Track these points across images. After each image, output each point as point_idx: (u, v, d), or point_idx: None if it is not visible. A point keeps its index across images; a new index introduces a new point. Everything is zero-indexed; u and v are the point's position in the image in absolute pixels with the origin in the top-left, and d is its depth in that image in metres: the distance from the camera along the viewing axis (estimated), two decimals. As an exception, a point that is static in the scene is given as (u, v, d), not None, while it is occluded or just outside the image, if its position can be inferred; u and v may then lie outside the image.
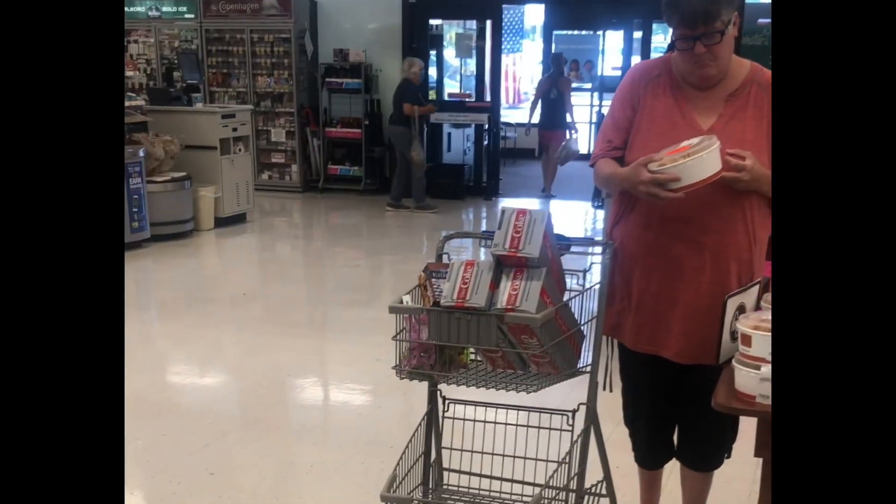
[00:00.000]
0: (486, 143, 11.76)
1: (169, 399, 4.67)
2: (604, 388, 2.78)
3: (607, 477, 2.89)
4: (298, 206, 11.07)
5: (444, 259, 2.78)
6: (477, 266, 2.46)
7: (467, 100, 11.82)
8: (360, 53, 11.25)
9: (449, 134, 11.85)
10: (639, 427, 3.00)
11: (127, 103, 8.63)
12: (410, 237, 9.34)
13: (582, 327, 2.68)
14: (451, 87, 12.29)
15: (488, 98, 11.72)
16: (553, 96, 11.28)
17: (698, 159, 2.44)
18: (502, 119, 12.60)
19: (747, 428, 2.34)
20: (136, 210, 8.00)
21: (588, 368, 2.69)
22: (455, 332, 2.46)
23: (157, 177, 8.42)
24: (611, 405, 3.03)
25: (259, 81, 11.57)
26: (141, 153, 8.07)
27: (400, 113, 10.27)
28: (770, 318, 2.18)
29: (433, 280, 2.53)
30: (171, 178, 8.52)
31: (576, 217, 10.33)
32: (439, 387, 2.86)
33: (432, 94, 11.80)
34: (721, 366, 2.38)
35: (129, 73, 8.77)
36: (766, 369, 2.09)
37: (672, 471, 3.16)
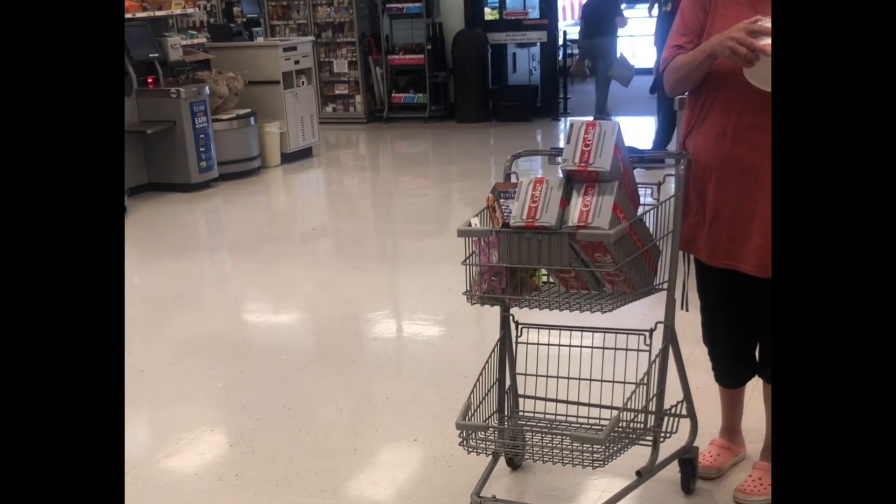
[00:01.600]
0: (559, 59, 11.57)
1: (245, 337, 4.74)
2: (681, 307, 2.73)
3: (687, 397, 2.85)
4: (364, 137, 11.06)
5: (513, 179, 2.73)
6: (546, 183, 2.42)
7: (524, 18, 11.59)
8: (423, -23, 11.12)
9: (514, 54, 11.69)
10: (718, 345, 2.95)
11: (189, 41, 8.67)
12: (479, 162, 9.27)
13: (657, 243, 2.63)
14: (517, 5, 12.06)
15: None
16: None
17: None
18: (569, 37, 12.36)
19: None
20: (203, 150, 8.07)
21: (665, 286, 2.65)
22: (526, 253, 2.44)
23: (223, 115, 8.47)
24: (690, 324, 2.98)
25: (319, 12, 11.51)
26: (205, 91, 8.11)
27: (607, 25, 10.17)
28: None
29: (502, 201, 2.50)
30: (237, 115, 8.56)
31: (646, 132, 10.14)
32: (511, 311, 2.84)
33: (495, 14, 11.62)
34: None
35: (189, 11, 8.75)
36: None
37: (755, 389, 3.10)
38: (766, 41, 2.34)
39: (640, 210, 2.57)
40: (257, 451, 3.44)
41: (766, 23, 2.37)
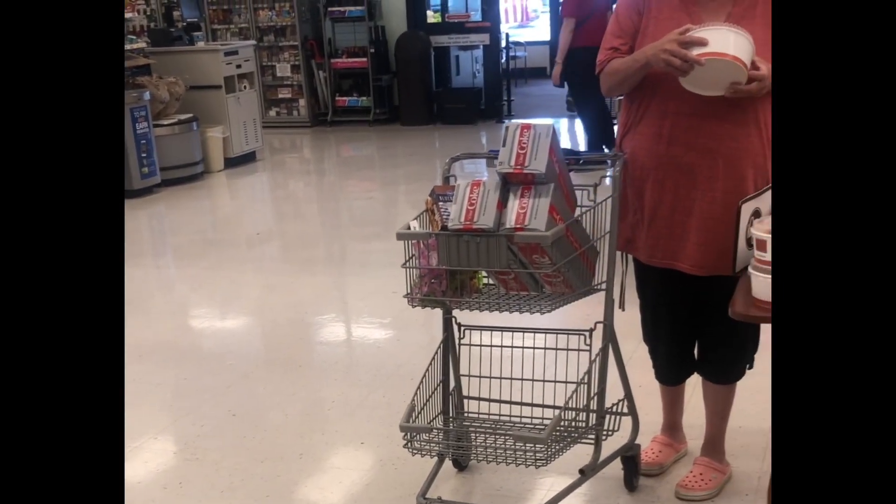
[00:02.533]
0: (502, 61, 11.64)
1: (190, 343, 4.70)
2: (619, 307, 2.76)
3: (628, 395, 2.89)
4: (308, 141, 11.02)
5: (451, 181, 2.75)
6: (483, 186, 2.44)
7: (466, 21, 11.64)
8: (364, -21, 11.11)
9: (457, 57, 11.73)
10: (658, 343, 2.99)
11: (128, 46, 8.56)
12: (424, 165, 9.29)
13: (595, 243, 2.66)
14: (458, 8, 12.12)
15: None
16: None
17: (733, 33, 2.39)
18: (512, 39, 12.44)
19: (769, 339, 2.31)
20: (144, 155, 7.98)
21: (603, 286, 2.68)
22: (465, 255, 2.45)
23: (164, 120, 8.38)
24: (631, 323, 3.02)
25: (261, 15, 11.45)
26: (146, 96, 8.02)
27: None
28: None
29: (440, 203, 2.51)
30: (178, 120, 8.47)
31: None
32: (454, 314, 2.85)
33: (437, 17, 11.66)
34: (738, 275, 2.35)
35: (128, 16, 8.66)
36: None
37: (695, 386, 3.15)
38: (699, 50, 2.38)
39: (577, 211, 2.59)
40: (202, 458, 3.42)
41: (697, 31, 2.41)
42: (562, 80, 8.34)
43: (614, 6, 2.75)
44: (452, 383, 2.95)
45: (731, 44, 2.38)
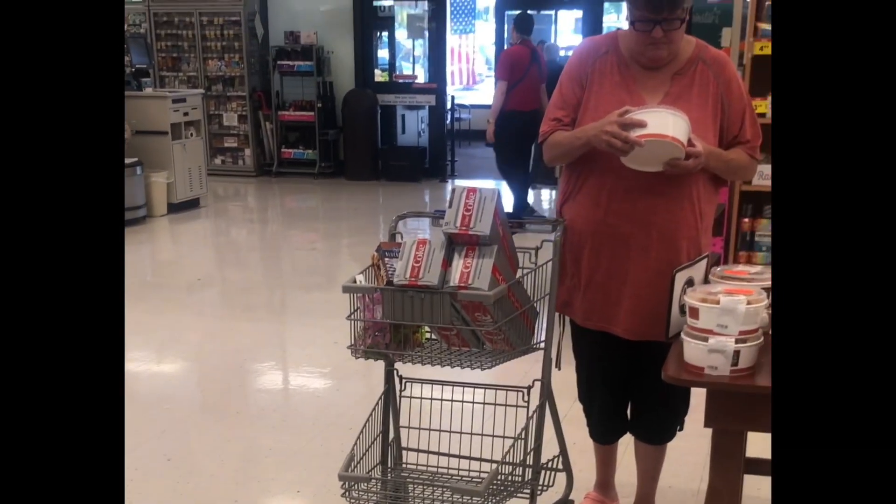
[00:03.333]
0: (447, 122, 11.77)
1: (127, 387, 4.64)
2: (555, 366, 2.81)
3: (563, 452, 2.93)
4: (252, 190, 11.00)
5: (398, 238, 2.79)
6: (429, 244, 2.47)
7: (413, 81, 11.78)
8: (312, 35, 11.17)
9: (403, 116, 11.83)
10: (592, 403, 3.04)
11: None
12: (367, 219, 9.33)
13: (535, 304, 2.70)
14: (407, 68, 12.26)
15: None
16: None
17: (671, 114, 2.47)
18: (457, 101, 12.58)
19: (699, 403, 2.38)
20: (87, 197, 7.88)
21: (542, 345, 2.72)
22: (409, 310, 2.48)
23: (109, 163, 8.29)
24: (567, 382, 3.07)
25: (210, 65, 11.45)
26: (91, 140, 7.94)
27: None
28: (719, 290, 2.23)
29: (386, 259, 2.54)
30: (123, 163, 8.41)
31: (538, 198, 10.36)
32: (396, 366, 2.87)
33: (385, 76, 11.78)
34: (671, 341, 2.41)
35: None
36: (714, 341, 2.12)
37: (628, 445, 3.20)
38: (639, 132, 2.47)
39: (519, 273, 2.64)
40: (135, 503, 3.38)
41: (637, 113, 2.49)
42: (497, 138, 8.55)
43: (560, 76, 2.83)
44: (392, 434, 2.96)
45: (669, 125, 2.45)
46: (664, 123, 2.45)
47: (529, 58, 8.35)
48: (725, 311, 2.13)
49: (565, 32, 14.47)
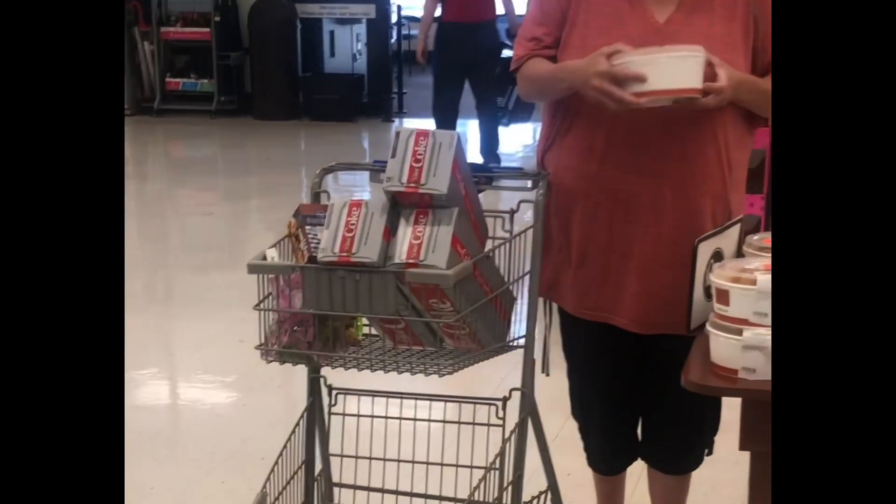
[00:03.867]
0: (392, 41, 11.74)
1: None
2: (541, 370, 2.81)
3: (552, 487, 2.92)
4: (128, 134, 10.87)
5: (323, 199, 2.77)
6: (365, 207, 2.46)
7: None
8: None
9: (332, 33, 11.77)
10: (591, 420, 3.04)
11: None
12: (285, 173, 9.28)
13: (511, 287, 2.70)
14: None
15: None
16: None
17: (677, 59, 2.45)
18: (406, 12, 12.56)
19: (733, 417, 2.39)
20: None
21: (521, 342, 2.72)
22: (339, 296, 2.46)
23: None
24: (557, 392, 3.07)
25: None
26: None
27: None
28: (756, 266, 2.23)
29: (308, 228, 2.52)
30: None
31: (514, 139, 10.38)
32: (323, 372, 2.86)
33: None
34: (693, 334, 2.42)
35: None
36: (751, 334, 2.13)
37: (639, 476, 3.21)
38: (637, 88, 2.45)
39: (489, 245, 2.64)
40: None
41: (631, 57, 2.47)
42: (431, 58, 8.85)
43: None
44: (319, 466, 2.95)
45: (676, 73, 2.46)
46: (670, 73, 2.45)
47: None
48: (765, 294, 2.13)
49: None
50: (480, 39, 8.89)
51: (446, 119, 9.12)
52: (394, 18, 11.96)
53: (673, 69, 2.46)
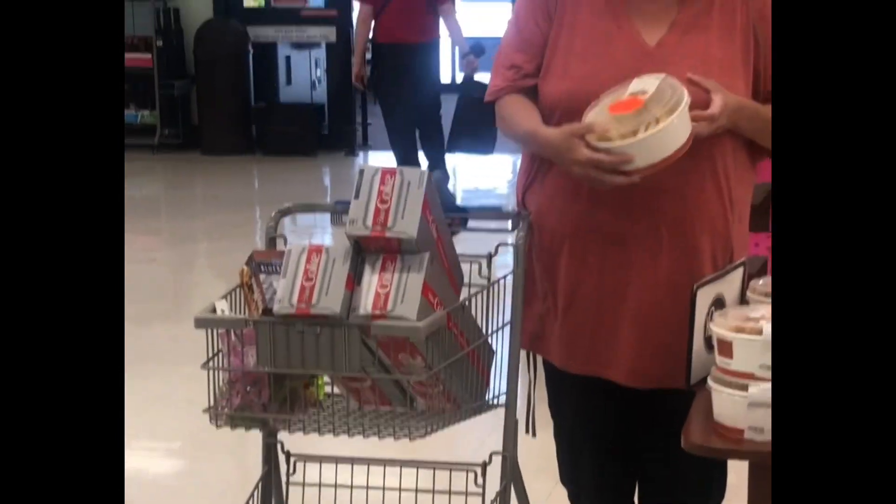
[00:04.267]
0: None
1: None
2: (526, 431, 2.80)
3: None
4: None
5: (279, 245, 2.76)
6: (326, 253, 2.45)
7: (302, 7, 11.74)
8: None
9: (288, 59, 11.80)
10: (581, 486, 3.02)
11: None
12: (236, 213, 9.27)
13: (489, 339, 2.70)
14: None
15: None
16: None
17: (659, 133, 2.44)
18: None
19: (740, 482, 2.38)
20: None
21: (502, 400, 2.71)
22: (298, 353, 2.46)
23: None
24: (544, 455, 3.06)
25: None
26: None
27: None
28: (762, 314, 2.22)
29: (263, 276, 2.52)
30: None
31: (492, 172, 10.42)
32: (279, 437, 2.84)
33: (258, 0, 11.73)
34: (694, 389, 2.41)
35: None
36: (758, 390, 2.12)
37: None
38: (624, 167, 2.46)
39: (464, 293, 2.63)
40: None
41: (608, 144, 2.46)
42: (370, 84, 9.06)
43: (516, 2, 2.82)
44: (275, 543, 2.93)
45: (668, 140, 2.45)
46: (656, 145, 2.45)
47: None
48: (770, 346, 2.12)
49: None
50: (419, 65, 8.96)
51: (407, 151, 9.15)
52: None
53: (658, 141, 2.45)
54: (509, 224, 2.74)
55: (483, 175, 10.67)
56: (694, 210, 2.65)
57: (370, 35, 8.97)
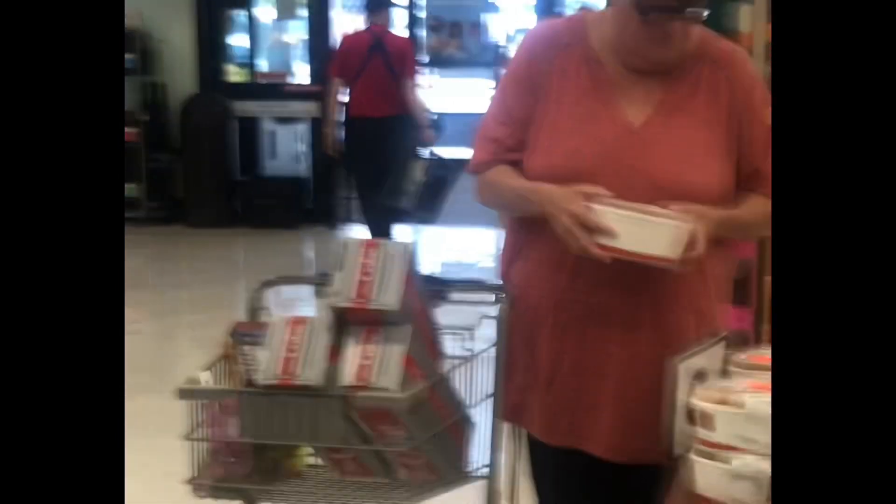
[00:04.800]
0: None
1: None
2: (510, 503, 2.78)
3: None
4: (47, 245, 10.85)
5: (262, 316, 2.76)
6: (309, 325, 2.45)
7: (285, 83, 11.79)
8: (135, 16, 11.13)
9: (273, 133, 11.83)
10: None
11: None
12: (219, 286, 9.24)
13: (470, 411, 2.68)
14: (276, 64, 12.28)
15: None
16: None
17: (658, 226, 2.45)
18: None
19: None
20: None
21: (484, 471, 2.69)
22: (280, 424, 2.46)
23: None
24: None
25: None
26: None
27: None
28: (744, 387, 2.22)
29: (245, 348, 2.51)
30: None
31: (473, 247, 10.44)
32: (261, 509, 2.82)
33: (242, 74, 11.79)
34: (674, 464, 2.39)
35: None
36: (739, 462, 2.11)
37: None
38: (604, 240, 2.44)
39: (446, 365, 2.63)
40: None
41: (608, 207, 2.46)
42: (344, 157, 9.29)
43: (502, 78, 2.83)
44: None
45: (648, 238, 2.45)
46: (644, 235, 2.45)
47: (367, 46, 8.88)
48: (753, 418, 2.12)
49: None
50: (389, 136, 9.06)
51: (379, 223, 9.27)
52: (340, 117, 12.01)
53: (648, 232, 2.45)
54: (491, 297, 2.74)
55: (463, 249, 10.65)
56: (677, 287, 2.64)
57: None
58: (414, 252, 2.49)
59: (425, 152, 9.01)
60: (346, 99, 9.09)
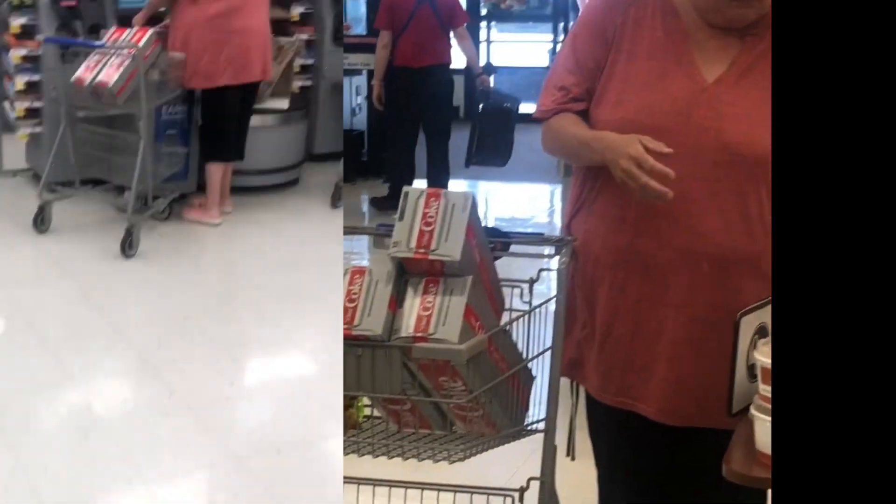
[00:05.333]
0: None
1: None
2: (567, 454, 2.77)
3: None
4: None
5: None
6: (368, 276, 2.45)
7: (344, 34, 11.75)
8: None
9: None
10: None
11: None
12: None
13: (530, 365, 2.68)
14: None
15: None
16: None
17: None
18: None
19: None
20: None
21: (541, 426, 2.68)
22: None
23: None
24: (585, 481, 3.03)
25: None
26: None
27: None
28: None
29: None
30: None
31: (528, 203, 10.41)
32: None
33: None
34: (735, 420, 2.37)
35: None
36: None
37: None
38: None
39: (505, 317, 2.62)
40: None
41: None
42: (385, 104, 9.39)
43: (574, 25, 2.80)
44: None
45: None
46: None
47: None
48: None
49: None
50: (431, 87, 9.32)
51: (403, 173, 9.53)
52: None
53: None
54: (551, 251, 2.72)
55: (519, 203, 10.63)
56: (738, 250, 2.62)
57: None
58: (475, 202, 2.47)
59: (483, 97, 9.08)
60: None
